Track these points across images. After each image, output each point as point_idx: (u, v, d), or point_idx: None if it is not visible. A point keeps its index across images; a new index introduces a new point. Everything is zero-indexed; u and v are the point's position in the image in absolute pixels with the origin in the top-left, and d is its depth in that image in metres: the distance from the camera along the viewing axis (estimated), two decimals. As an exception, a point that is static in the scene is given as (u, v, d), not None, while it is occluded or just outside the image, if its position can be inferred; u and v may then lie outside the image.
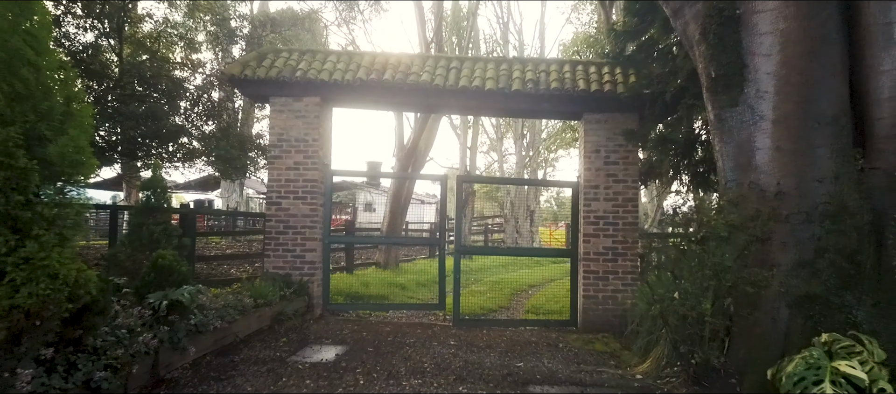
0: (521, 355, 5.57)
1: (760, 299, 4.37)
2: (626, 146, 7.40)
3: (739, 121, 4.51)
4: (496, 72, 7.68)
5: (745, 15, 4.46)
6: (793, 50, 4.28)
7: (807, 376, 3.58)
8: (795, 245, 4.25)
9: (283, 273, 7.31)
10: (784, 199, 4.31)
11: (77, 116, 3.00)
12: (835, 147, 4.24)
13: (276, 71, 7.43)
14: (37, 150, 2.84)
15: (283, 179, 7.52)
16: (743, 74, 4.48)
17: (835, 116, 4.25)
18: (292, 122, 7.56)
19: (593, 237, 7.36)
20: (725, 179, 4.70)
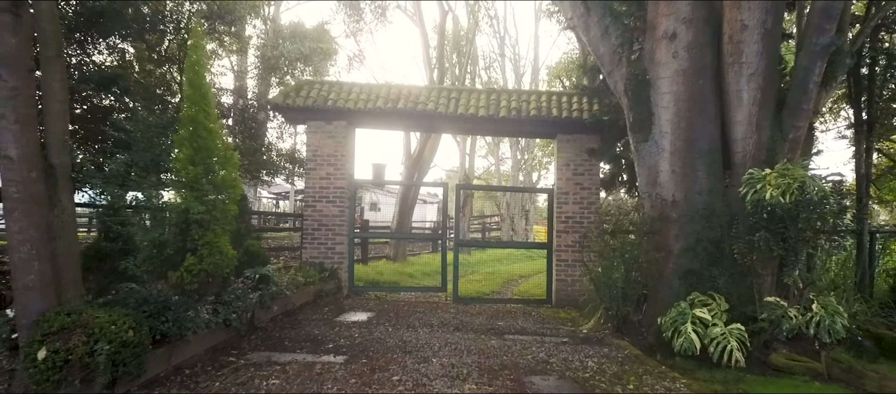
0: (503, 319, 7.81)
1: (662, 274, 6.61)
2: (590, 161, 9.63)
3: (649, 151, 6.74)
4: (487, 101, 9.91)
5: (652, 79, 6.68)
6: (682, 105, 6.50)
7: (677, 319, 5.81)
8: (683, 237, 6.48)
9: (318, 261, 9.54)
10: (677, 206, 6.54)
11: (230, 158, 5.21)
12: (709, 171, 6.47)
13: (311, 100, 9.65)
14: (211, 178, 5.06)
15: (317, 186, 9.75)
16: (651, 120, 6.70)
17: (710, 150, 6.48)
18: (324, 141, 9.78)
19: (564, 233, 9.59)
20: (642, 191, 6.93)
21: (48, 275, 4.25)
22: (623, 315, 6.75)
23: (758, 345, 5.69)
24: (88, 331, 3.99)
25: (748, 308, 5.91)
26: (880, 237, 11.22)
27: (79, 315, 4.10)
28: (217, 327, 5.43)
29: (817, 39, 5.96)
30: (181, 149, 4.98)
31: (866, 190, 9.58)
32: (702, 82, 6.47)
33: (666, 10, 6.55)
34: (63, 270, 4.44)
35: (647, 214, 6.80)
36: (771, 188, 5.75)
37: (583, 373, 5.08)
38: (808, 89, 6.11)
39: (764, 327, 5.71)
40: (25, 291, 4.18)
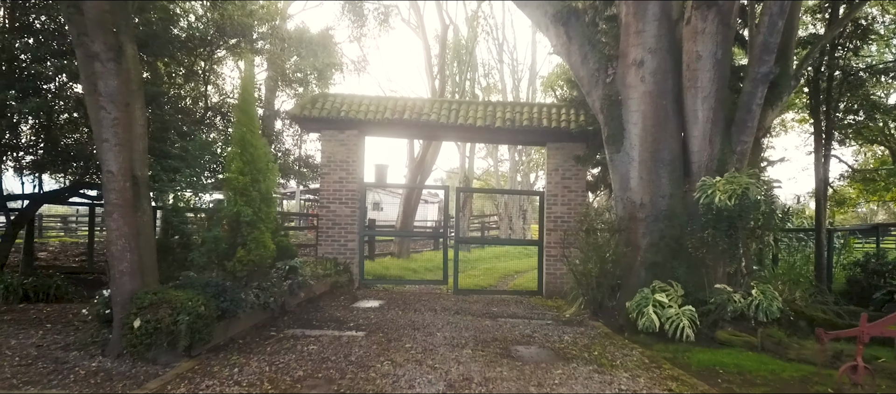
0: (498, 306, 9.08)
1: (631, 266, 7.87)
2: (576, 166, 10.87)
3: (621, 161, 8.00)
4: (484, 112, 11.16)
5: (624, 99, 7.94)
6: (649, 122, 7.75)
7: (641, 303, 7.07)
8: (649, 234, 7.73)
9: (332, 256, 10.80)
10: (644, 208, 7.80)
11: (271, 169, 6.46)
12: (671, 178, 7.73)
13: (325, 112, 10.89)
14: (257, 186, 6.32)
15: (331, 189, 11.00)
16: (623, 134, 7.95)
17: (671, 160, 7.74)
18: (338, 148, 11.03)
19: (553, 232, 10.84)
20: (615, 195, 8.19)
21: (136, 263, 5.50)
22: (599, 301, 8.02)
23: (706, 323, 6.95)
24: (172, 306, 5.24)
25: (700, 294, 7.16)
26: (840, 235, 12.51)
27: (163, 294, 5.36)
28: (258, 309, 6.69)
29: (758, 69, 7.21)
30: (233, 162, 6.25)
31: (824, 193, 10.84)
32: (665, 103, 7.72)
33: (635, 40, 7.80)
34: (144, 260, 5.70)
35: (619, 214, 8.06)
36: (720, 193, 7.01)
37: (559, 344, 6.34)
38: (752, 110, 7.37)
39: (711, 308, 6.97)
40: (120, 275, 5.44)
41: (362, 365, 5.14)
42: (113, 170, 5.33)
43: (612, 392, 4.57)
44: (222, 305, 5.86)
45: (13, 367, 5.00)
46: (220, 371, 4.90)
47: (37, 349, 5.60)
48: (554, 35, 8.63)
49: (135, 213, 5.53)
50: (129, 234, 5.44)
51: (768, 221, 7.08)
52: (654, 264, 7.64)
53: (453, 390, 4.46)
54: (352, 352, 5.61)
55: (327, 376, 4.82)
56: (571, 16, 8.35)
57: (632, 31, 7.82)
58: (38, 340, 6.00)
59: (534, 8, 8.69)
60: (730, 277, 7.46)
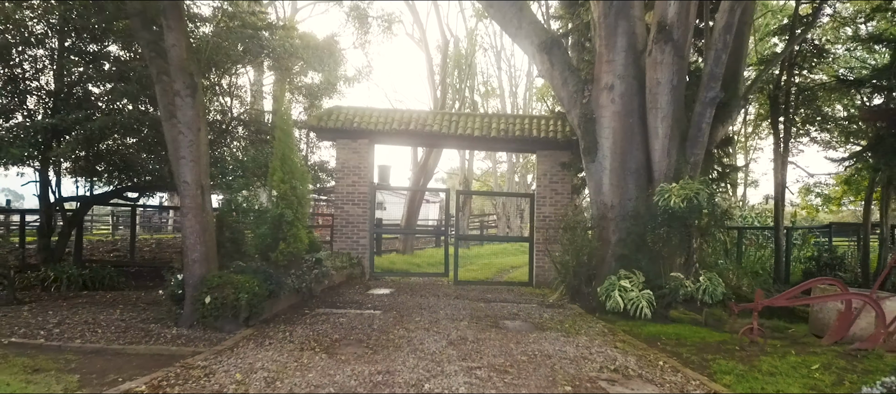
0: (492, 294, 10.72)
1: (603, 258, 9.51)
2: (562, 172, 12.51)
3: (595, 170, 9.63)
4: (481, 123, 12.79)
5: (597, 117, 9.57)
6: (618, 137, 9.38)
7: (609, 288, 8.71)
8: (618, 231, 9.36)
9: (346, 251, 12.44)
10: (614, 209, 9.44)
11: (305, 177, 8.10)
12: (637, 184, 9.36)
13: (340, 123, 12.53)
14: (294, 192, 7.95)
15: (345, 192, 12.64)
16: (596, 147, 9.59)
17: (637, 169, 9.37)
18: (350, 155, 12.67)
19: (541, 229, 12.48)
20: (590, 198, 9.83)
21: (204, 253, 7.14)
22: (576, 288, 9.67)
23: (662, 305, 8.58)
24: (234, 286, 6.88)
25: (659, 280, 8.79)
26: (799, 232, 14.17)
27: (226, 277, 7.00)
28: (294, 292, 8.35)
29: (706, 94, 8.85)
30: (276, 173, 7.89)
31: (782, 195, 12.48)
32: (631, 121, 9.36)
33: (607, 68, 9.43)
34: (209, 251, 7.33)
35: (593, 214, 9.71)
36: (675, 197, 8.63)
37: (539, 320, 7.98)
38: (702, 128, 9.00)
39: (666, 292, 8.60)
40: (192, 262, 7.08)
41: (383, 331, 6.79)
42: (188, 180, 6.97)
43: (569, 348, 6.20)
44: (269, 287, 7.50)
45: (113, 334, 6.63)
46: (274, 335, 6.55)
47: (123, 322, 7.24)
48: (539, 61, 10.27)
49: (203, 213, 7.17)
50: (199, 230, 7.08)
51: (710, 221, 8.70)
52: (622, 256, 9.27)
53: (453, 345, 6.11)
54: (373, 323, 7.26)
55: (357, 337, 6.46)
56: (554, 46, 9.99)
57: (604, 60, 9.46)
58: (118, 316, 7.65)
59: (523, 38, 10.32)
60: (684, 267, 9.10)
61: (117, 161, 11.03)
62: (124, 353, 5.82)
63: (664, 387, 4.83)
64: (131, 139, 10.88)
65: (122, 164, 11.00)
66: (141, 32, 7.22)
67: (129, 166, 11.05)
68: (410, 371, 5.02)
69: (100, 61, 10.17)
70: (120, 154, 11.02)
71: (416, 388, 4.53)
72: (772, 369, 5.48)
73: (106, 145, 10.64)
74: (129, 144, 10.98)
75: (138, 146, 10.73)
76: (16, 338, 6.19)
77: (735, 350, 6.35)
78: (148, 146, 11.02)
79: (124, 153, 11.10)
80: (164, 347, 6.07)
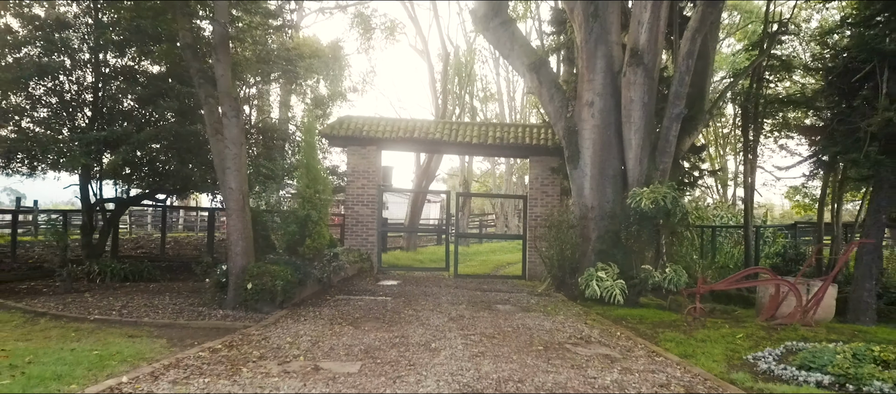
0: (488, 285, 12.31)
1: (585, 252, 11.09)
2: (552, 175, 14.08)
3: (578, 175, 11.21)
4: (479, 132, 14.37)
5: (579, 129, 11.14)
6: (597, 147, 10.96)
7: (588, 278, 10.29)
8: (597, 229, 10.94)
9: (357, 248, 14.02)
10: (593, 210, 11.01)
11: (327, 183, 9.66)
12: (613, 188, 10.94)
13: (351, 131, 14.10)
14: (317, 195, 9.52)
15: (355, 194, 14.22)
16: (579, 155, 11.16)
17: (614, 175, 10.95)
18: (360, 160, 14.25)
19: (533, 228, 14.06)
20: (573, 200, 11.41)
21: (244, 247, 8.72)
22: (561, 279, 11.25)
23: (633, 292, 10.16)
24: (271, 274, 8.46)
25: (631, 272, 10.37)
26: (767, 230, 15.75)
27: (263, 267, 8.58)
28: (316, 282, 9.93)
29: (672, 110, 10.42)
30: (301, 179, 9.47)
31: (751, 197, 14.03)
32: (609, 133, 10.93)
33: (587, 86, 11.01)
34: (247, 245, 8.91)
35: (576, 215, 11.29)
36: (645, 200, 10.19)
37: (526, 304, 9.56)
38: (669, 140, 10.57)
39: (637, 282, 10.18)
40: (235, 255, 8.65)
41: (395, 311, 8.37)
42: (233, 187, 8.55)
43: (547, 323, 7.78)
44: (299, 276, 9.09)
45: (172, 313, 8.21)
46: (305, 314, 8.13)
47: (175, 305, 8.82)
48: (529, 79, 11.84)
49: (244, 214, 8.75)
50: (240, 228, 8.66)
51: (673, 220, 10.26)
52: (601, 251, 10.86)
53: (453, 321, 7.69)
54: (386, 305, 8.85)
55: (375, 316, 8.05)
56: (541, 66, 11.57)
57: (585, 79, 11.03)
58: (169, 301, 9.22)
59: (515, 59, 11.89)
60: (653, 260, 10.67)
61: (152, 167, 12.61)
62: (189, 326, 7.40)
63: (615, 349, 6.41)
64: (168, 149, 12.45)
65: (156, 169, 12.58)
66: (192, 62, 8.79)
67: (162, 171, 12.64)
68: (420, 336, 6.60)
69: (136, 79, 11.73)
70: (155, 160, 12.60)
71: (425, 346, 6.11)
72: (704, 338, 7.06)
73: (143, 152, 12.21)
74: (164, 151, 12.54)
75: (171, 153, 12.29)
76: (98, 315, 7.78)
77: (683, 326, 7.94)
78: (179, 154, 12.59)
79: (158, 159, 12.67)
80: (219, 322, 7.65)
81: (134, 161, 11.66)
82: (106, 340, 6.27)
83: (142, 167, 12.37)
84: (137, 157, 11.61)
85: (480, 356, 5.74)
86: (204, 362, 5.27)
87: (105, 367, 5.04)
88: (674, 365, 5.72)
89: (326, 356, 5.62)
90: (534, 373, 5.16)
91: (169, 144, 12.04)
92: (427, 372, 5.08)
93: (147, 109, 11.50)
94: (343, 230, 14.37)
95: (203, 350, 5.76)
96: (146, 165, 12.12)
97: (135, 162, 11.71)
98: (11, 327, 6.90)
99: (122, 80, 11.54)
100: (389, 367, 5.24)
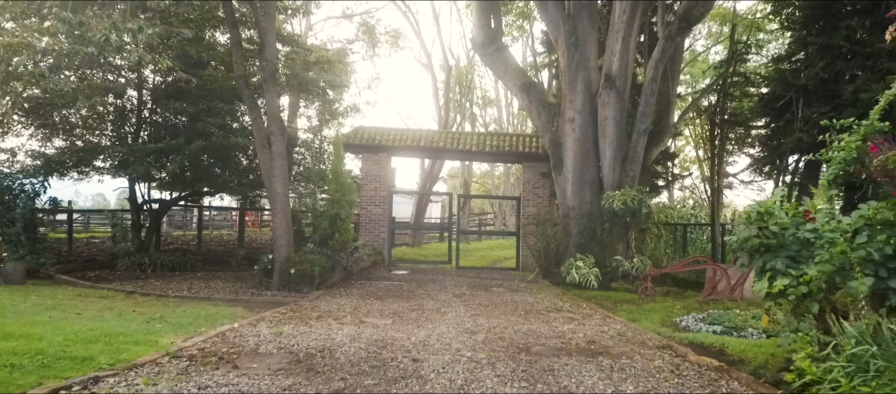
0: (485, 274, 14.72)
1: (567, 246, 13.49)
2: (542, 179, 16.47)
3: (561, 181, 13.61)
4: (478, 140, 16.78)
5: (563, 141, 13.54)
6: (578, 156, 13.35)
7: (568, 267, 12.70)
8: (577, 226, 13.34)
9: (370, 244, 16.41)
10: (575, 210, 13.42)
11: (351, 187, 12.04)
12: (592, 191, 13.34)
13: (365, 140, 16.50)
14: (344, 197, 11.91)
15: (368, 195, 16.61)
16: (562, 163, 13.56)
17: (591, 180, 13.35)
18: (372, 166, 16.64)
19: (526, 226, 16.46)
20: (558, 201, 13.81)
21: (287, 240, 11.10)
22: (546, 268, 13.66)
23: (606, 279, 12.55)
24: (310, 262, 10.85)
25: (605, 262, 12.76)
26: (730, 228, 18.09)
27: (303, 256, 10.96)
28: (342, 269, 12.32)
29: (640, 126, 12.82)
30: (331, 183, 11.86)
31: (718, 197, 16.45)
32: (588, 145, 13.33)
33: (569, 105, 13.40)
34: (289, 238, 11.29)
35: (560, 214, 13.68)
36: (617, 201, 12.57)
37: (516, 288, 11.95)
38: (637, 151, 12.97)
39: (609, 270, 12.57)
40: (280, 246, 11.03)
41: (410, 291, 10.78)
42: (278, 191, 10.93)
43: (530, 299, 10.16)
44: (330, 264, 11.48)
45: (232, 292, 10.59)
46: (338, 293, 10.51)
47: (231, 287, 11.21)
48: (520, 98, 14.23)
49: (286, 213, 11.14)
50: (284, 225, 11.05)
51: (640, 219, 12.65)
52: (580, 245, 13.25)
53: (456, 297, 10.09)
54: (402, 287, 11.26)
55: (394, 294, 10.44)
56: (531, 87, 13.97)
57: (567, 99, 13.43)
58: (223, 285, 11.63)
59: (509, 80, 14.29)
60: (625, 252, 13.08)
61: (196, 173, 15.01)
62: (251, 301, 9.78)
63: (578, 314, 8.80)
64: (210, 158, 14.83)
65: (200, 175, 14.98)
66: (244, 91, 11.17)
67: (203, 177, 15.03)
68: (432, 305, 9.00)
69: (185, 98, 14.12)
70: (198, 167, 14.99)
71: (436, 311, 8.52)
72: (651, 309, 9.46)
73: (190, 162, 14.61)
74: (206, 160, 14.94)
75: (211, 162, 14.67)
76: (175, 294, 10.17)
77: (637, 301, 10.34)
78: (217, 162, 14.96)
79: (200, 166, 15.06)
80: (272, 298, 10.04)
81: (184, 168, 14.04)
82: (198, 307, 8.66)
83: (186, 173, 14.75)
84: (186, 165, 14.00)
85: (477, 316, 8.14)
86: (281, 318, 7.66)
87: (216, 319, 7.44)
88: (619, 323, 8.11)
89: (366, 316, 8.01)
90: (514, 324, 7.56)
91: (210, 154, 14.44)
92: (439, 323, 7.48)
93: (195, 124, 13.86)
94: (358, 227, 16.76)
95: (275, 313, 8.15)
96: (191, 171, 14.50)
97: (184, 169, 14.09)
98: (120, 300, 9.30)
99: (174, 100, 13.92)
100: (412, 321, 7.64)
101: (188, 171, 14.69)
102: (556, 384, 4.84)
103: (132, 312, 8.03)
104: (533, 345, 6.39)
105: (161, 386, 4.49)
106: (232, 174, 15.12)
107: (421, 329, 7.10)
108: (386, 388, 4.61)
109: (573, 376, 5.13)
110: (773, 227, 4.90)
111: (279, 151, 10.88)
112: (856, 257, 4.24)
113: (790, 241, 4.86)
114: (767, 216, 4.96)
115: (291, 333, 6.70)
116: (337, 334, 6.65)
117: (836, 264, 4.44)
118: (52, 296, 9.20)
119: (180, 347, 5.80)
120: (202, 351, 5.68)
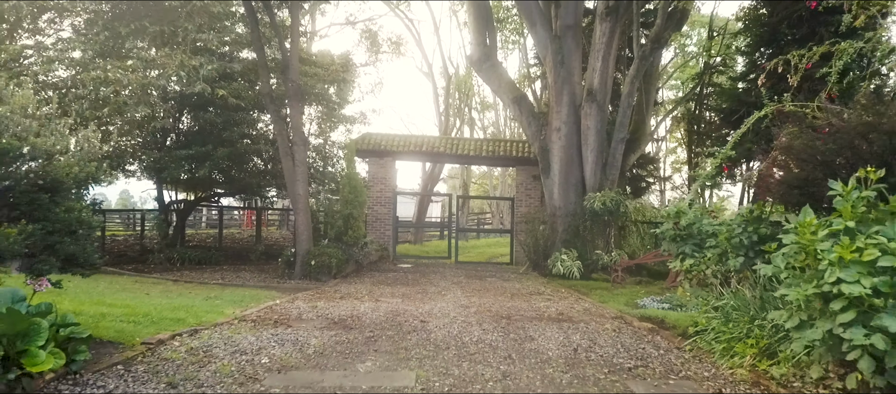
0: (481, 267, 16.70)
1: (554, 242, 15.47)
2: (534, 181, 18.45)
3: (549, 184, 15.59)
4: (476, 145, 18.76)
5: (550, 149, 15.51)
6: (563, 162, 15.33)
7: (554, 261, 14.68)
8: (563, 225, 15.32)
9: (376, 240, 18.40)
10: (561, 209, 15.40)
11: (362, 190, 14.00)
12: (576, 193, 15.33)
13: (372, 146, 18.48)
14: (356, 199, 13.86)
15: (374, 197, 18.60)
16: (550, 168, 15.53)
17: (576, 183, 15.34)
18: (379, 169, 18.63)
19: (519, 224, 18.44)
20: (546, 201, 15.80)
21: (308, 235, 13.07)
22: (535, 262, 15.64)
23: (588, 270, 14.52)
24: (328, 254, 12.83)
25: (587, 256, 14.73)
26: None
27: (322, 249, 12.94)
28: (354, 262, 14.30)
29: (618, 135, 14.79)
30: (345, 186, 13.84)
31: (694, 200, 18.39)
32: (572, 152, 15.30)
33: (556, 116, 15.38)
34: (309, 234, 13.26)
35: (547, 213, 15.67)
36: (597, 202, 14.55)
37: (508, 278, 13.93)
38: (616, 158, 14.94)
39: (590, 263, 14.55)
40: (301, 241, 13.01)
41: (414, 280, 12.75)
42: (300, 193, 12.90)
43: (518, 285, 12.12)
44: (344, 257, 13.46)
45: (262, 281, 12.57)
46: (353, 281, 12.49)
47: (258, 277, 13.20)
48: (512, 109, 16.20)
49: (307, 212, 13.11)
50: (305, 222, 13.02)
51: (617, 218, 14.61)
52: (565, 241, 15.23)
53: (454, 284, 12.07)
54: (407, 277, 13.24)
55: (401, 282, 12.41)
56: (522, 99, 15.94)
57: (554, 110, 15.40)
58: (249, 275, 13.61)
59: (502, 93, 16.26)
60: (605, 247, 15.05)
61: (224, 176, 16.99)
62: (280, 287, 11.75)
63: (556, 296, 10.76)
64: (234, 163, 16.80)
65: (223, 177, 16.97)
66: (270, 105, 13.14)
67: (226, 179, 17.02)
68: (434, 290, 10.99)
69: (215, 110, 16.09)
70: (221, 169, 16.97)
71: (437, 293, 10.50)
72: (620, 293, 11.44)
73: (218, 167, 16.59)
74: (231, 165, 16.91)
75: (236, 166, 16.65)
76: (211, 282, 12.15)
77: (609, 288, 12.33)
78: (238, 165, 16.94)
79: (223, 168, 17.04)
80: (297, 284, 12.01)
81: (212, 172, 16.03)
82: (239, 291, 10.63)
83: (212, 176, 16.74)
84: (215, 169, 16.00)
85: (471, 296, 10.13)
86: (311, 298, 9.64)
87: (259, 299, 9.41)
88: (588, 303, 10.08)
89: (380, 297, 9.99)
90: (501, 302, 9.55)
91: (232, 159, 16.42)
92: (440, 301, 9.47)
93: (221, 132, 15.84)
94: (365, 226, 18.75)
95: (306, 294, 10.13)
96: (218, 174, 16.50)
97: (212, 173, 16.09)
98: (170, 285, 11.28)
99: (203, 110, 15.90)
100: (418, 300, 9.62)
101: (215, 174, 16.68)
102: (524, 334, 6.82)
103: (188, 293, 10.01)
104: (513, 315, 8.36)
105: (245, 335, 6.46)
106: (250, 177, 17.12)
107: (426, 305, 9.08)
108: (403, 335, 6.59)
109: (538, 330, 7.11)
110: (683, 222, 6.89)
111: (301, 159, 12.86)
112: (731, 244, 6.24)
113: (696, 232, 6.85)
114: (680, 214, 6.95)
115: (324, 306, 8.68)
116: (360, 307, 8.63)
117: (722, 249, 6.43)
118: (115, 283, 11.18)
119: (242, 315, 7.77)
120: (260, 317, 7.65)
